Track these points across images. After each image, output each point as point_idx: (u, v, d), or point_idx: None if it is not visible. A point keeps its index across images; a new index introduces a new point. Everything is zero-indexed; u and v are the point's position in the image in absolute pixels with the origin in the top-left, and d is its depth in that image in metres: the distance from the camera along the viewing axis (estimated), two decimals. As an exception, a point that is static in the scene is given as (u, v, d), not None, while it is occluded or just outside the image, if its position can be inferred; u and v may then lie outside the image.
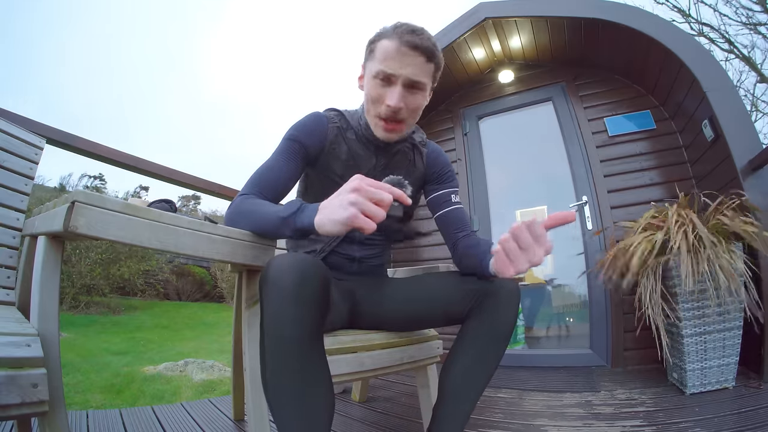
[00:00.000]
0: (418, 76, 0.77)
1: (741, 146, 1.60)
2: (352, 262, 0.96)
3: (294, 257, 0.62)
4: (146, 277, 7.35)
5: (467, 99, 2.86)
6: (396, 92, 0.77)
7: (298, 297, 0.58)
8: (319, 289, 0.61)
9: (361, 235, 0.94)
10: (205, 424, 1.22)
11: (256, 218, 0.71)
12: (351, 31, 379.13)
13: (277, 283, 0.58)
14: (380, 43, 0.78)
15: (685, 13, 7.04)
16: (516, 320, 0.81)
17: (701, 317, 1.40)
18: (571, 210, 2.32)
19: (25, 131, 0.98)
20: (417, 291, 0.90)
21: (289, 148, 0.83)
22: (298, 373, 0.60)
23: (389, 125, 0.82)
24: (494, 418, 1.31)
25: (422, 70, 0.78)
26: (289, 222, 0.64)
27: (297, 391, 0.60)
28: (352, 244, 0.95)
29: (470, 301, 0.80)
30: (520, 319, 2.38)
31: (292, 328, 0.58)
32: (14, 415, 0.42)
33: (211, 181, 1.79)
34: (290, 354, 0.58)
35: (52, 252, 0.60)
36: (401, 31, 0.76)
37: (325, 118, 0.89)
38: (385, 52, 0.77)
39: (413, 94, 0.80)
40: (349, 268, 0.96)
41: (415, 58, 0.76)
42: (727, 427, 1.04)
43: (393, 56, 0.76)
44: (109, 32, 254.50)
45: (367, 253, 0.97)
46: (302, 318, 0.58)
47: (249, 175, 0.82)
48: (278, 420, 0.61)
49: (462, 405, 0.79)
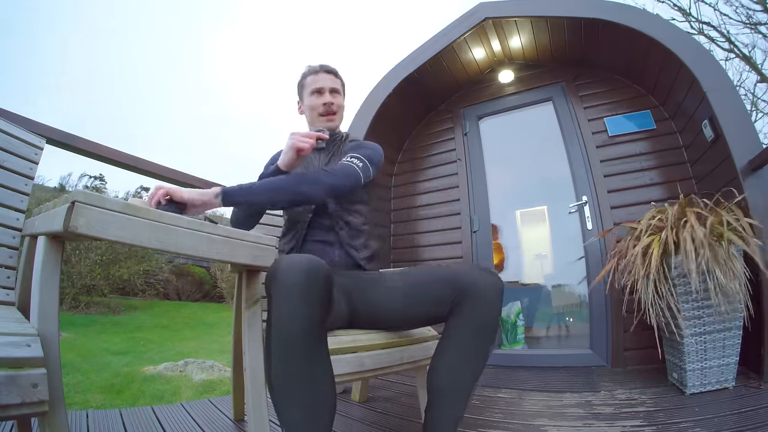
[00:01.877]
0: (334, 84, 1.19)
1: (741, 146, 1.60)
2: (332, 247, 1.03)
3: (300, 256, 0.65)
4: (146, 277, 7.35)
5: (467, 99, 2.86)
6: (326, 95, 1.17)
7: (307, 294, 0.61)
8: (326, 288, 0.64)
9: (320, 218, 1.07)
10: (205, 424, 1.22)
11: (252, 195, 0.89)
12: (351, 31, 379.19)
13: (284, 281, 0.61)
14: (307, 78, 1.19)
15: (686, 11, 7.05)
16: (499, 314, 0.79)
17: (701, 317, 1.40)
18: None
19: (25, 131, 0.98)
20: (401, 291, 0.90)
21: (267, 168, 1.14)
22: (303, 372, 0.61)
23: (328, 117, 1.17)
24: (494, 418, 1.31)
25: (334, 82, 1.19)
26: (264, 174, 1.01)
27: (303, 390, 0.61)
28: (322, 230, 1.05)
29: (450, 299, 0.80)
30: (520, 319, 2.38)
31: (299, 325, 0.60)
32: (14, 415, 0.42)
33: (212, 182, 1.79)
34: (298, 351, 0.60)
35: (52, 252, 0.60)
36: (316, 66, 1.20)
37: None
38: (313, 79, 1.18)
39: (335, 96, 1.18)
40: (332, 255, 1.01)
41: (328, 76, 1.19)
42: (727, 427, 1.04)
43: (317, 78, 1.18)
44: (112, 28, 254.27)
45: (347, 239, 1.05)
46: (311, 315, 0.61)
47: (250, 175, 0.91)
48: (283, 419, 0.61)
49: (451, 405, 0.78)
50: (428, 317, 0.86)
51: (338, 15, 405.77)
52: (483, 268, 0.84)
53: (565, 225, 2.35)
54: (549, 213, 2.48)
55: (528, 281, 2.51)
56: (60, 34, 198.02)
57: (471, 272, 0.80)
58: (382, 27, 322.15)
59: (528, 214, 2.58)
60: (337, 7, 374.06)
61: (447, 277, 0.83)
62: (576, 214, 2.30)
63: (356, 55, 61.43)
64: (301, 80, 1.22)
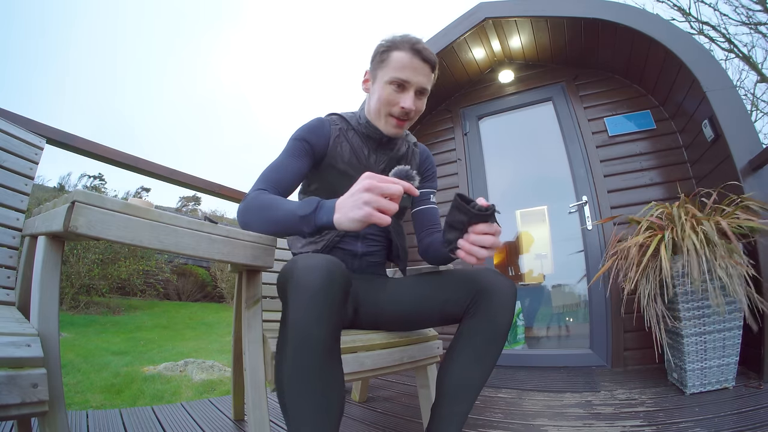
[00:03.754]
0: (426, 84, 0.90)
1: (741, 146, 1.60)
2: (354, 258, 0.98)
3: (318, 257, 0.64)
4: (146, 277, 7.34)
5: (467, 99, 2.86)
6: (410, 97, 0.89)
7: (324, 297, 0.59)
8: (343, 290, 0.63)
9: (366, 229, 0.98)
10: (205, 424, 1.22)
11: (271, 214, 0.74)
12: (351, 32, 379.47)
13: (303, 282, 0.60)
14: (393, 54, 0.88)
15: (685, 11, 7.04)
16: (512, 319, 0.81)
17: (701, 317, 1.40)
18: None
19: (25, 131, 0.97)
20: (414, 291, 0.91)
21: (298, 147, 0.90)
22: (319, 374, 0.60)
23: (400, 122, 0.93)
24: (494, 418, 1.31)
25: (428, 79, 0.91)
26: (309, 220, 0.68)
27: (317, 392, 0.60)
28: (356, 240, 0.98)
29: (467, 301, 0.81)
30: (520, 319, 2.38)
31: (318, 327, 0.59)
32: (14, 415, 0.42)
33: (211, 181, 1.79)
34: (314, 354, 0.59)
35: (52, 252, 0.60)
36: (412, 45, 0.87)
37: (328, 121, 0.97)
38: (400, 62, 0.87)
39: (420, 99, 0.92)
40: (351, 264, 0.98)
41: (424, 69, 0.89)
42: (727, 427, 1.04)
43: (407, 66, 0.87)
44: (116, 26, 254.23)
45: (370, 249, 1.00)
46: (327, 317, 0.59)
47: (255, 174, 0.86)
48: (293, 421, 0.61)
49: (460, 404, 0.79)
50: (442, 318, 0.87)
51: (338, 15, 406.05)
52: (497, 272, 0.86)
53: (565, 225, 2.35)
54: (549, 213, 2.49)
55: (528, 281, 2.51)
56: (59, 35, 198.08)
57: (488, 275, 0.82)
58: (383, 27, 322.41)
59: (528, 214, 2.58)
60: (337, 6, 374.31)
61: (464, 279, 0.84)
62: (576, 214, 2.30)
63: (356, 56, 61.23)
64: (384, 50, 0.90)
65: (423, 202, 1.04)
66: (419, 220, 1.04)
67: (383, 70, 0.89)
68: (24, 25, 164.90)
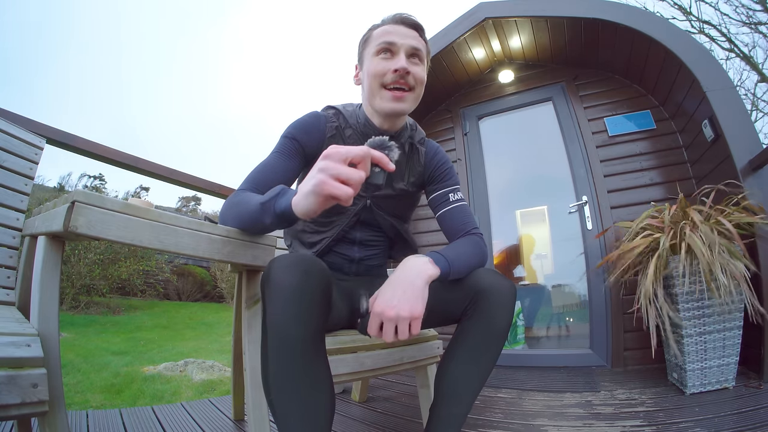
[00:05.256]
0: (417, 45, 0.82)
1: (741, 146, 1.60)
2: (352, 263, 0.96)
3: (295, 256, 0.62)
4: (146, 277, 7.34)
5: (467, 99, 2.86)
6: (401, 59, 0.80)
7: (301, 296, 0.58)
8: (321, 288, 0.61)
9: (362, 235, 0.95)
10: (205, 424, 1.22)
11: (240, 209, 0.70)
12: (351, 32, 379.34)
13: (280, 282, 0.58)
14: (375, 31, 0.84)
15: (686, 10, 7.04)
16: (511, 320, 0.80)
17: (701, 317, 1.40)
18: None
19: (25, 131, 0.98)
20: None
21: (287, 146, 0.85)
22: (302, 374, 0.59)
23: (397, 93, 0.81)
24: (494, 418, 1.31)
25: (419, 42, 0.83)
26: (268, 207, 0.63)
27: (301, 392, 0.59)
28: (353, 245, 0.95)
29: (465, 301, 0.80)
30: (520, 319, 2.38)
31: (296, 327, 0.57)
32: (14, 415, 0.42)
33: (211, 181, 1.79)
34: (294, 354, 0.58)
35: (52, 252, 0.60)
36: (392, 17, 0.84)
37: (324, 117, 0.90)
38: (383, 31, 0.82)
39: (415, 65, 0.83)
40: (349, 269, 0.96)
41: (410, 32, 0.83)
42: (727, 427, 1.04)
43: (391, 31, 0.82)
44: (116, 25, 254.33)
45: (367, 254, 0.97)
46: (305, 317, 0.58)
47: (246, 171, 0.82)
48: (281, 422, 0.60)
49: (459, 405, 0.78)
50: (441, 318, 0.85)
51: (338, 15, 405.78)
52: (497, 272, 0.84)
53: (565, 225, 2.35)
54: (549, 213, 2.49)
55: (528, 281, 2.51)
56: (60, 36, 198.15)
57: (487, 275, 0.80)
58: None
59: (528, 214, 2.58)
60: (337, 6, 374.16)
61: (463, 279, 0.82)
62: (576, 214, 2.30)
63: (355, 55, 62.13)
64: (365, 35, 0.87)
65: (443, 204, 0.94)
66: (446, 225, 0.93)
67: (368, 47, 0.84)
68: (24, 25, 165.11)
